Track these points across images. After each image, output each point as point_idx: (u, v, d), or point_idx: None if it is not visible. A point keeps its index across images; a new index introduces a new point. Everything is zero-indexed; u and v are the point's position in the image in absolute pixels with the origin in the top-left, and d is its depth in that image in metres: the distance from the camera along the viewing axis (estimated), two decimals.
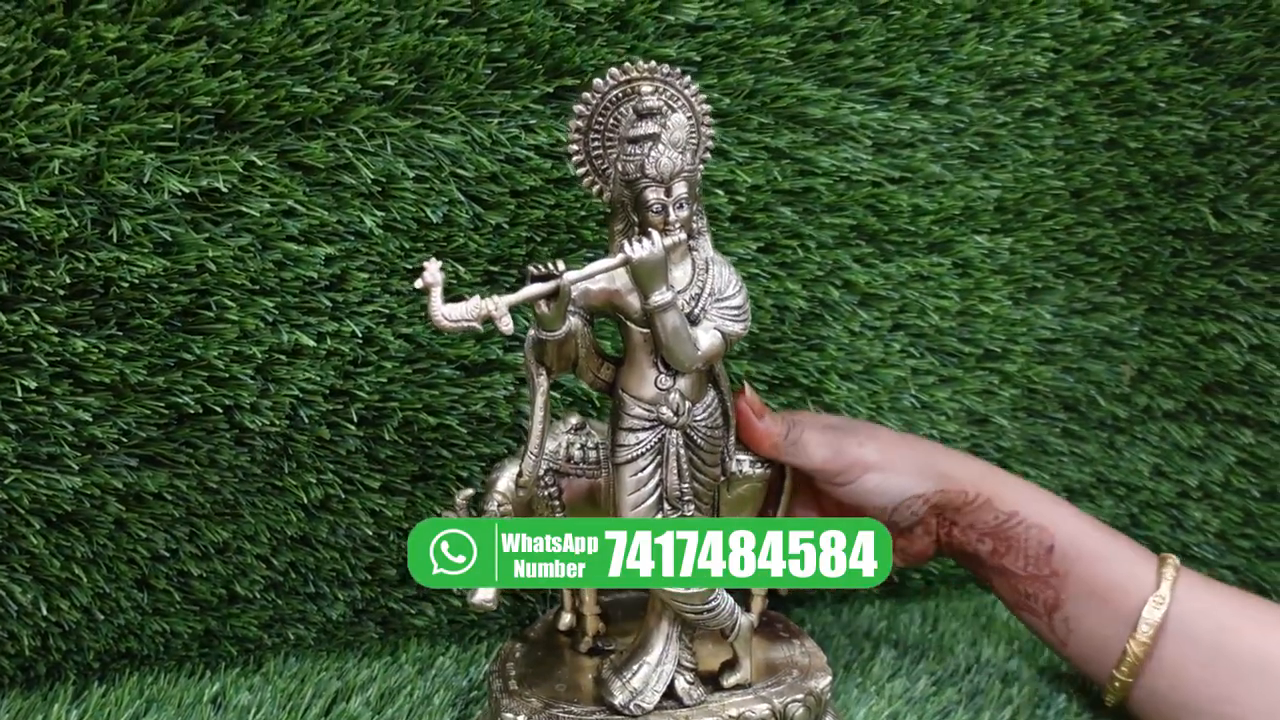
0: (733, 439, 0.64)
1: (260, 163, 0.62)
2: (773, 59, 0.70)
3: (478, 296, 0.53)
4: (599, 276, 0.56)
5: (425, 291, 0.52)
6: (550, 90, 0.67)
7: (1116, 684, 0.62)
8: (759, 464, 0.66)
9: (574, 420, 0.65)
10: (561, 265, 0.54)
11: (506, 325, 0.53)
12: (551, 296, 0.54)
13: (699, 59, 0.69)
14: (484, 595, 0.57)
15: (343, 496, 0.69)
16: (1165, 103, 0.77)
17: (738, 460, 0.65)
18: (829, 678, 0.64)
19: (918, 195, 0.75)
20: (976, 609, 0.83)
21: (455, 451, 0.71)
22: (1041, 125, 0.76)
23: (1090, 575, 0.63)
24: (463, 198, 0.67)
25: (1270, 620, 0.60)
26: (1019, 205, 0.77)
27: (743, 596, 0.65)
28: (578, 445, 0.64)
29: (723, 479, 0.64)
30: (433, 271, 0.52)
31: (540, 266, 0.54)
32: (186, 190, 0.60)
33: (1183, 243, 0.80)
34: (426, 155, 0.66)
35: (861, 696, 0.70)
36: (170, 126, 0.59)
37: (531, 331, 0.57)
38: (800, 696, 0.62)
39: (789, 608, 0.78)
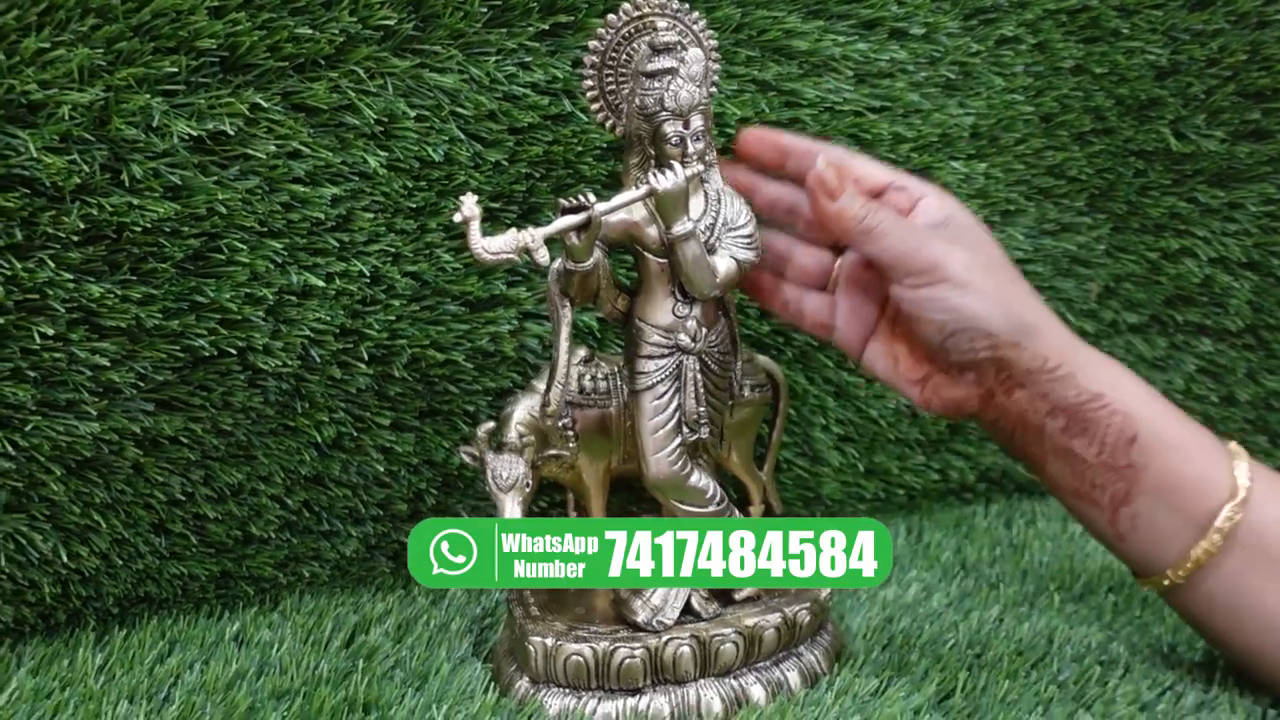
0: (740, 363, 0.66)
1: (265, 105, 0.62)
2: None
3: (514, 229, 0.54)
4: (619, 210, 0.58)
5: (464, 224, 0.53)
6: (545, 27, 0.68)
7: (1166, 581, 0.59)
8: (758, 388, 0.69)
9: (582, 353, 0.67)
10: (592, 197, 0.56)
11: (543, 256, 0.55)
12: (583, 228, 0.56)
13: None
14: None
15: (354, 435, 0.71)
16: (1128, 28, 0.80)
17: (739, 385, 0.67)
18: (829, 587, 0.67)
19: (897, 124, 0.77)
20: (957, 520, 0.87)
21: (462, 387, 0.72)
22: (1012, 53, 0.79)
23: (1168, 471, 0.57)
24: (462, 136, 0.68)
25: None
26: (992, 131, 0.80)
27: (741, 506, 0.66)
28: (588, 377, 0.65)
29: (730, 403, 0.66)
30: (470, 205, 0.53)
31: (571, 199, 0.56)
32: (194, 134, 0.60)
33: (1145, 163, 0.83)
34: (426, 94, 0.66)
35: (855, 605, 0.73)
36: (176, 70, 0.60)
37: (557, 264, 0.58)
38: (807, 604, 0.65)
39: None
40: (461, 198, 0.55)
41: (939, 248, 0.58)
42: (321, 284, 0.66)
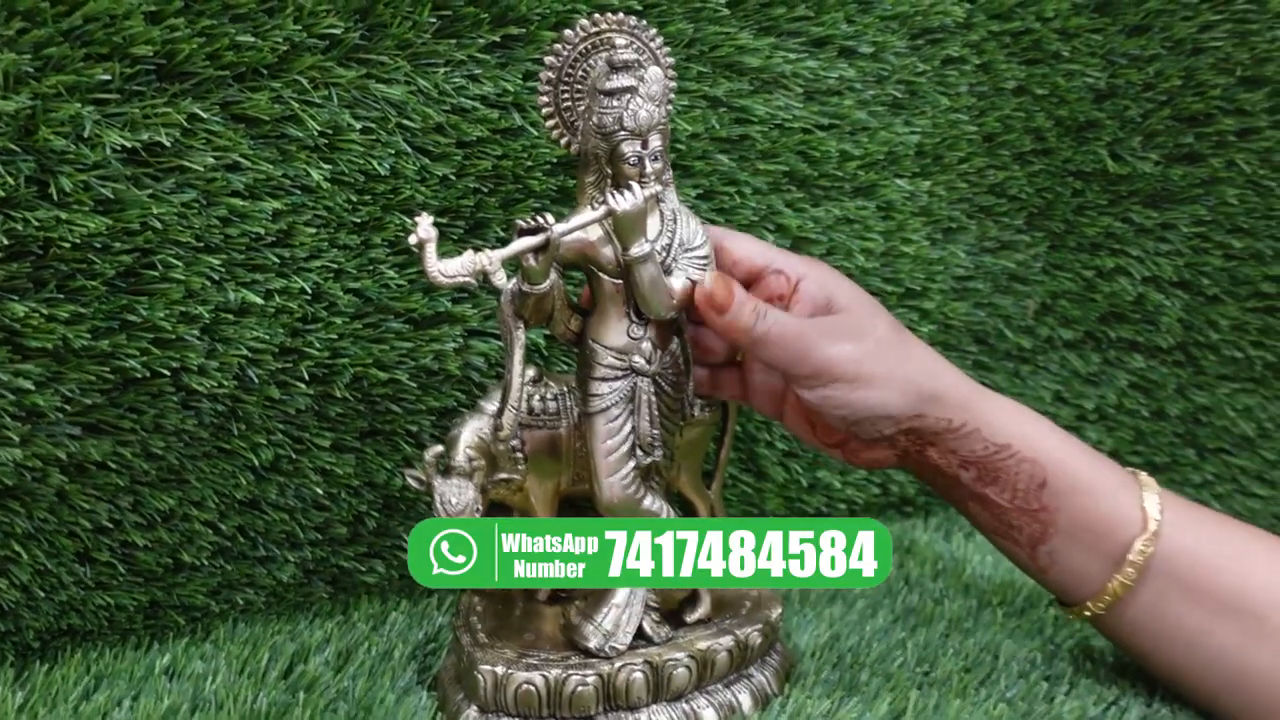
0: (692, 384, 0.65)
1: (203, 115, 0.59)
2: (711, 8, 0.71)
3: (470, 251, 0.53)
4: (577, 230, 0.57)
5: (419, 248, 0.51)
6: (496, 39, 0.66)
7: (1087, 612, 0.61)
8: (707, 406, 0.68)
9: (531, 373, 0.65)
10: (551, 219, 0.54)
11: (500, 279, 0.53)
12: (541, 249, 0.54)
13: (640, 8, 0.69)
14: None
15: (293, 457, 0.68)
16: (1069, 51, 0.81)
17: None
18: (780, 607, 0.66)
19: (845, 141, 0.77)
20: (899, 534, 0.87)
21: (405, 406, 0.70)
22: (957, 73, 0.79)
23: (1080, 511, 0.59)
24: (409, 149, 0.65)
25: (1250, 551, 0.59)
26: (936, 150, 0.80)
27: None
28: (536, 397, 0.64)
29: (682, 424, 0.65)
30: (425, 227, 0.52)
31: (529, 220, 0.54)
32: (128, 145, 0.57)
33: (1082, 183, 0.84)
34: (372, 106, 0.64)
35: (802, 623, 0.73)
36: (109, 78, 0.56)
37: (511, 284, 0.57)
38: (759, 626, 0.64)
39: None
40: (417, 218, 0.53)
41: (826, 349, 0.58)
42: (260, 301, 0.63)
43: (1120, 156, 0.84)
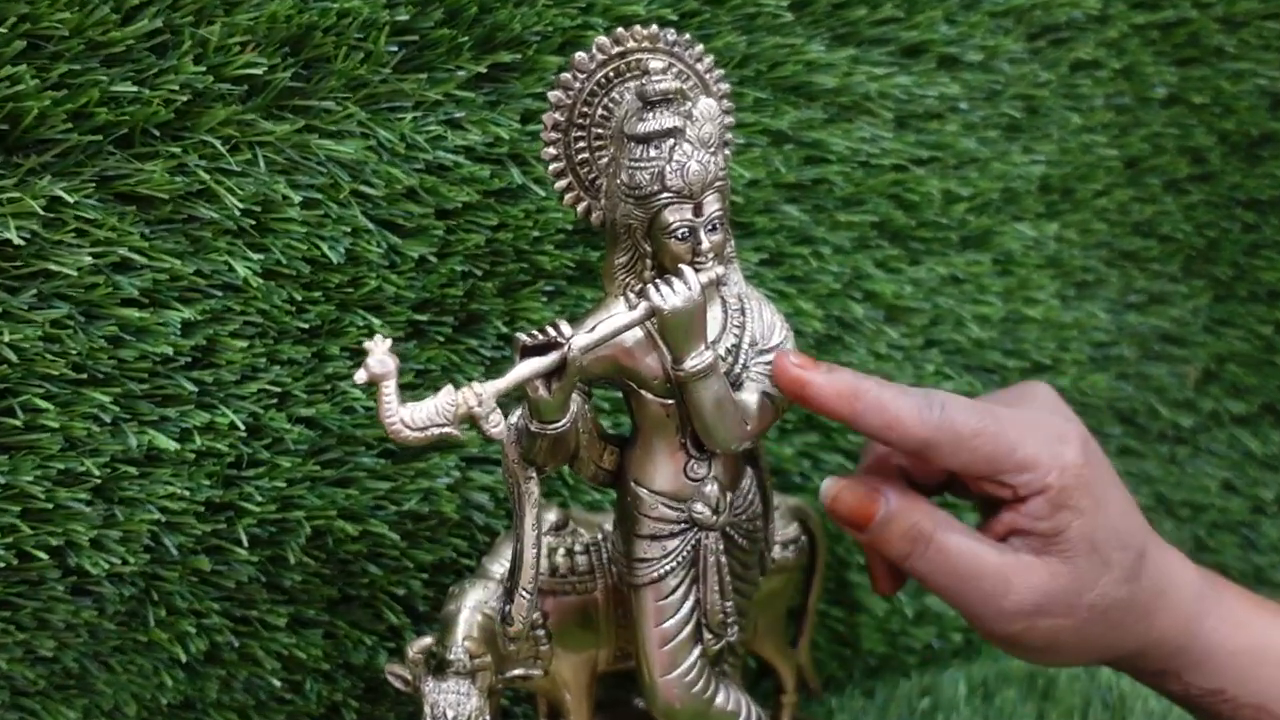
0: (771, 525, 0.49)
1: (71, 198, 0.43)
2: (769, 14, 0.55)
3: (449, 388, 0.38)
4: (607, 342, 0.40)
5: (372, 386, 0.36)
6: (482, 70, 0.50)
7: None
8: (791, 544, 0.54)
9: (552, 517, 0.51)
10: (566, 328, 0.39)
11: (497, 428, 0.39)
12: (555, 373, 0.39)
13: (675, 17, 0.53)
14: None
15: (236, 643, 0.52)
16: (1235, 47, 0.67)
17: None
18: None
19: (949, 179, 0.62)
20: (1031, 670, 0.71)
21: (386, 565, 0.54)
22: (1091, 81, 0.64)
23: None
24: (370, 225, 0.49)
25: None
26: (1066, 183, 0.65)
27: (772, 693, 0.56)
28: (561, 551, 0.50)
29: (760, 580, 0.49)
30: (380, 355, 0.36)
31: (535, 334, 0.39)
32: None
33: (1256, 216, 0.70)
34: (316, 170, 0.48)
35: None
36: None
37: (515, 420, 0.42)
38: None
39: (822, 700, 0.65)
40: (367, 343, 0.37)
41: (1014, 622, 0.45)
42: (174, 446, 0.47)
43: None
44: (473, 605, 0.48)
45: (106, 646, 0.50)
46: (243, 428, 0.49)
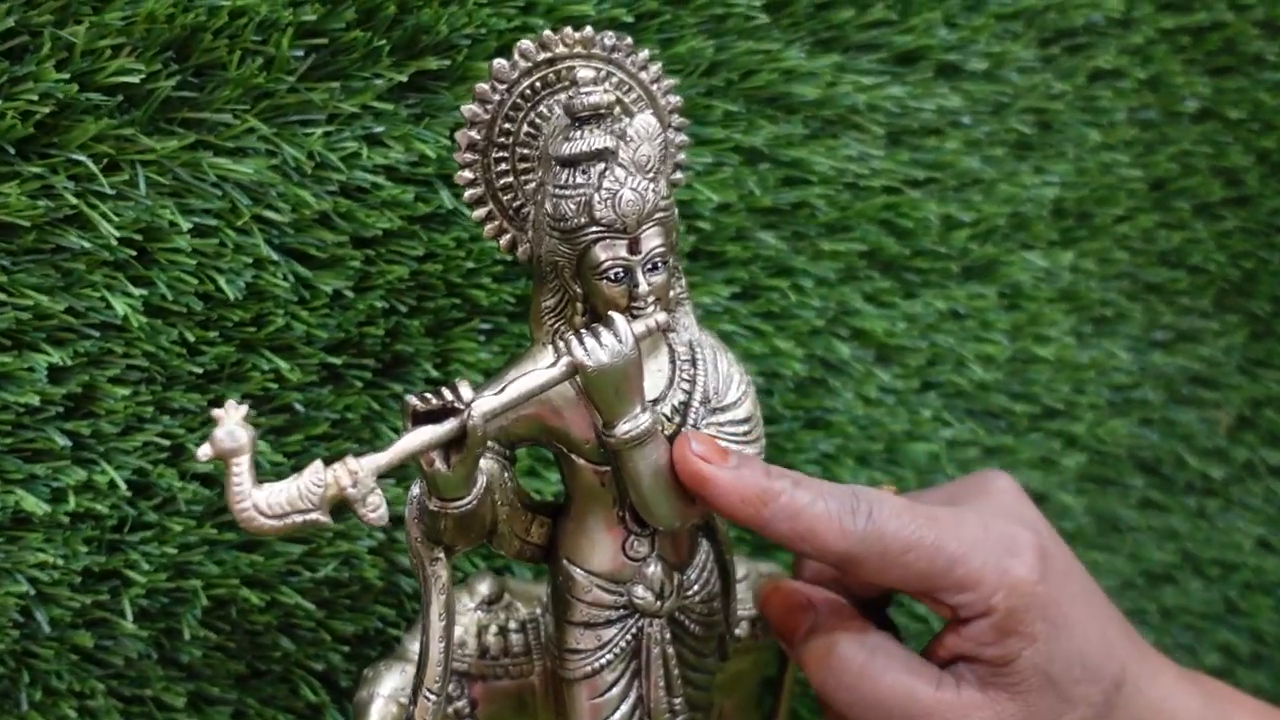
0: (733, 605, 0.43)
1: None
2: (741, 15, 0.49)
3: (316, 464, 0.31)
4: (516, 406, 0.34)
5: (220, 463, 0.30)
6: (404, 79, 0.44)
7: None
8: (760, 622, 0.48)
9: (484, 589, 0.44)
10: (466, 389, 0.33)
11: (377, 513, 0.32)
12: (453, 444, 0.33)
13: (631, 19, 0.47)
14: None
15: None
16: (1276, 54, 0.61)
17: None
18: None
19: (949, 202, 0.56)
20: None
21: (300, 637, 0.48)
22: (1112, 93, 0.58)
23: None
24: (275, 255, 0.43)
25: None
26: (1083, 206, 0.59)
27: None
28: (494, 628, 0.43)
29: (722, 663, 0.44)
30: (230, 426, 0.30)
31: (428, 396, 0.33)
32: None
33: None
34: (210, 192, 0.42)
35: None
36: None
37: (415, 492, 0.36)
38: None
39: None
40: (216, 411, 0.31)
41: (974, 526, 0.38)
42: (45, 508, 0.41)
43: None
44: (388, 694, 0.42)
45: None
46: (125, 486, 0.42)
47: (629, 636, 0.39)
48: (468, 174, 0.37)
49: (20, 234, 0.39)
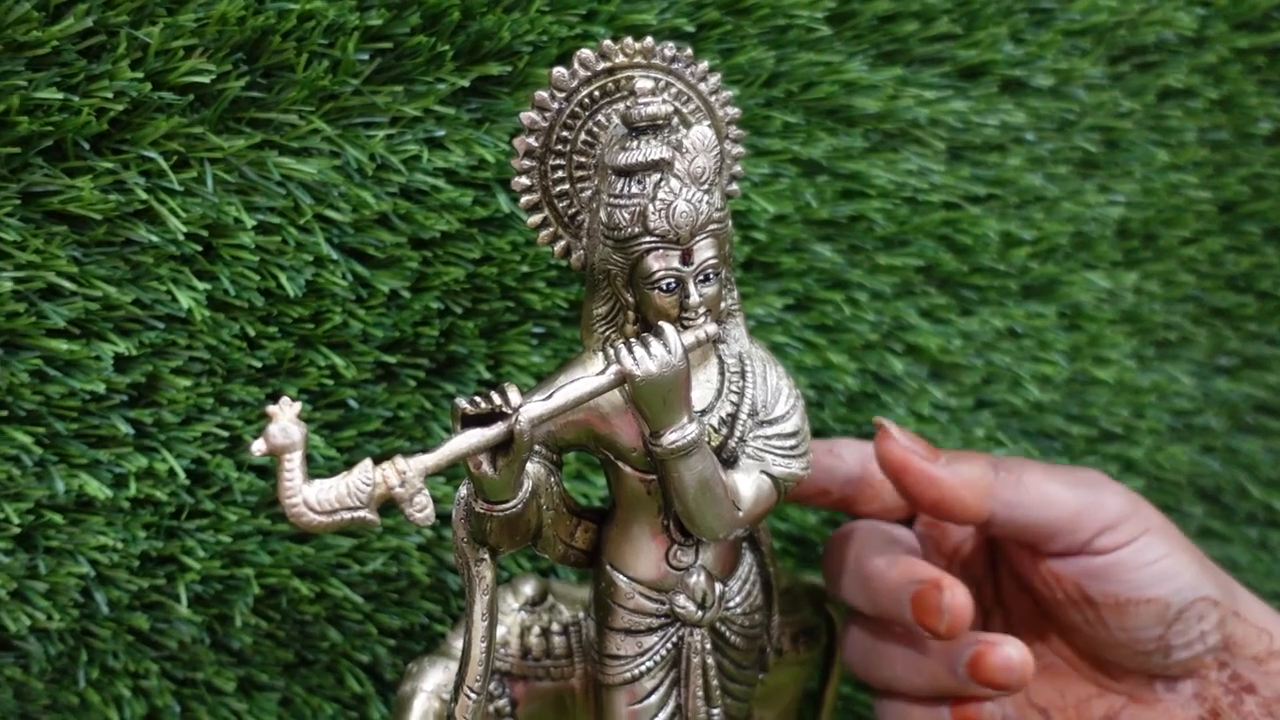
0: (775, 618, 0.42)
1: None
2: (803, 26, 0.48)
3: (365, 462, 0.32)
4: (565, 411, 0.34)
5: (274, 458, 0.31)
6: (466, 84, 0.44)
7: None
8: (803, 635, 0.47)
9: (529, 590, 0.44)
10: (514, 393, 0.33)
11: (424, 512, 0.32)
12: (501, 448, 0.33)
13: (692, 29, 0.46)
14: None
15: (178, 708, 0.46)
16: None
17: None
18: None
19: (1010, 219, 0.54)
20: None
21: (348, 629, 0.48)
22: (1182, 113, 0.55)
23: None
24: (335, 254, 0.43)
25: None
26: (1149, 227, 0.57)
27: None
28: (536, 629, 0.43)
29: (762, 678, 0.43)
30: (284, 423, 0.31)
31: (477, 399, 0.33)
32: None
33: None
34: (274, 191, 0.42)
35: None
36: None
37: (461, 493, 0.36)
38: None
39: None
40: (271, 408, 0.31)
41: (1119, 491, 0.42)
42: (107, 493, 0.42)
43: None
44: (430, 689, 0.42)
45: (36, 707, 0.45)
46: (186, 474, 0.43)
47: (669, 645, 0.39)
48: (524, 180, 0.37)
49: (92, 227, 0.40)
